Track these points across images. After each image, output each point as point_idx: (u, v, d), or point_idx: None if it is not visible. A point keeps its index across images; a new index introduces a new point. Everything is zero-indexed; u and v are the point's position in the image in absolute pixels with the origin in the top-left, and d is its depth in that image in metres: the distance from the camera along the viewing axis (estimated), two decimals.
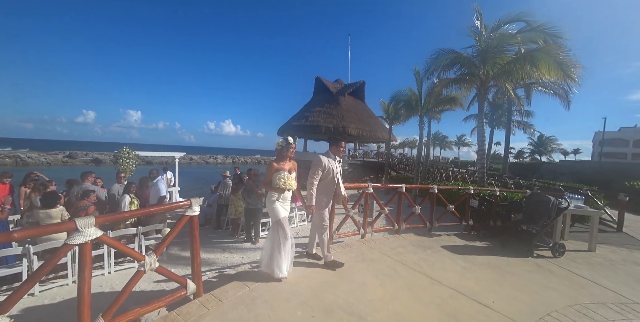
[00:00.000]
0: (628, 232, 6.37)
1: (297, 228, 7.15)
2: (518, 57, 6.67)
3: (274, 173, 2.91)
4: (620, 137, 46.68)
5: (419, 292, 2.83)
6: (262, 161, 61.19)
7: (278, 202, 2.93)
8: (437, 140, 54.28)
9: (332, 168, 3.26)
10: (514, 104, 16.59)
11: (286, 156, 3.00)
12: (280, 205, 2.94)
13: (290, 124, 21.78)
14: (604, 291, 3.23)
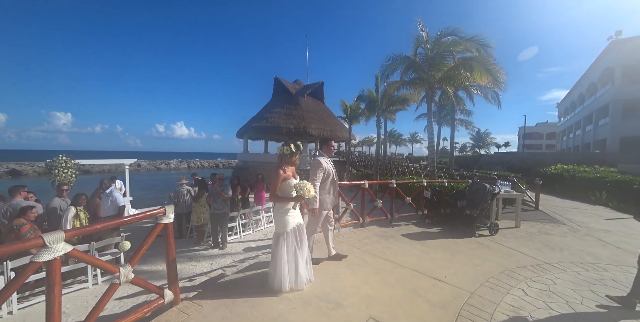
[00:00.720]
0: (542, 210, 7.74)
1: (265, 230, 7.17)
2: (457, 65, 7.71)
3: (282, 182, 2.71)
4: (537, 131, 55.33)
5: (385, 275, 3.19)
6: (221, 164, 58.34)
7: (290, 212, 2.73)
8: (393, 138, 57.78)
9: (331, 169, 3.31)
10: (457, 104, 18.68)
11: (292, 163, 2.83)
12: (291, 216, 2.73)
13: (250, 125, 21.32)
14: (525, 257, 3.98)
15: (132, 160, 10.52)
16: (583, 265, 3.75)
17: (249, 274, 3.17)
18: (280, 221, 2.71)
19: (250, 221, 6.85)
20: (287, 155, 2.77)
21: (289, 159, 2.78)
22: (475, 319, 2.38)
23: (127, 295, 3.62)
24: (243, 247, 5.75)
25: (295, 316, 2.34)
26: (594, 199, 9.41)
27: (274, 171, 2.74)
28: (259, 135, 24.75)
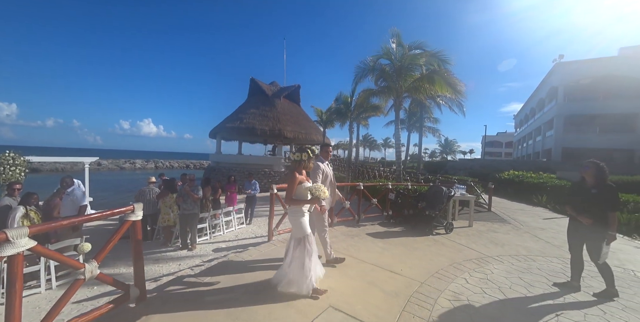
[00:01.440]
0: (494, 211, 8.60)
1: (236, 231, 7.17)
2: (422, 77, 8.41)
3: (298, 185, 2.76)
4: (497, 140, 60.30)
5: (347, 270, 3.46)
6: (192, 165, 55.95)
7: (306, 215, 2.80)
8: (368, 142, 59.49)
9: (328, 171, 3.52)
10: (425, 112, 19.90)
11: (308, 167, 2.91)
12: (307, 218, 2.81)
13: (224, 125, 20.91)
14: (472, 251, 4.49)
15: (92, 158, 9.91)
16: (517, 257, 4.33)
17: (217, 272, 3.27)
18: (299, 225, 2.75)
19: (221, 222, 6.82)
20: (305, 160, 2.83)
21: (307, 163, 2.85)
22: (422, 304, 2.72)
23: (87, 298, 3.52)
24: (213, 248, 5.74)
25: (260, 306, 2.51)
26: (537, 201, 10.60)
27: (290, 174, 2.81)
28: (233, 136, 24.30)
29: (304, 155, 2.82)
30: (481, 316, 2.57)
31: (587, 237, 3.09)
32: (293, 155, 2.89)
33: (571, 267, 3.34)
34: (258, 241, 5.78)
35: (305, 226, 2.76)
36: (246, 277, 3.13)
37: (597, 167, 3.06)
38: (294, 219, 2.79)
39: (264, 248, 4.19)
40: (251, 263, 3.56)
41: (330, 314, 2.44)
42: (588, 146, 22.44)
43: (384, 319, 2.42)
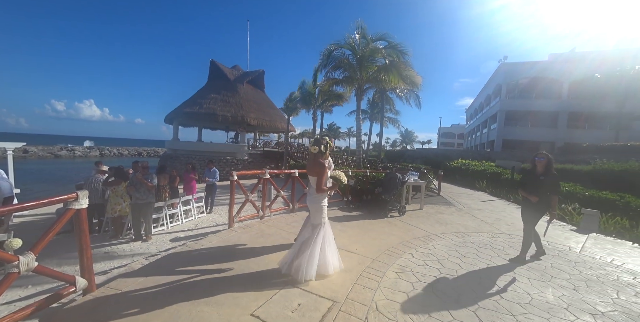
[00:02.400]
0: (443, 195, 9.54)
1: (196, 220, 6.96)
2: (380, 68, 8.74)
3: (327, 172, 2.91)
4: (451, 131, 65.35)
5: None
6: (145, 152, 51.46)
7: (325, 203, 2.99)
8: (332, 131, 60.19)
9: (331, 161, 3.56)
10: (386, 103, 20.70)
11: (326, 156, 2.98)
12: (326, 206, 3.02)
13: (182, 110, 19.51)
14: (420, 231, 5.01)
15: (16, 144, 8.60)
16: (456, 234, 4.94)
17: (174, 260, 3.22)
18: (320, 212, 2.94)
19: (179, 211, 6.55)
20: (325, 151, 2.93)
21: (327, 152, 2.95)
22: (372, 277, 3.02)
23: (20, 298, 3.21)
24: (170, 238, 5.52)
25: (218, 288, 2.57)
26: (478, 186, 11.97)
27: (320, 165, 2.86)
28: (192, 122, 22.85)
29: (323, 147, 2.92)
30: (420, 282, 2.96)
31: (532, 214, 3.73)
32: (313, 147, 2.95)
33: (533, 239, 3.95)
34: (219, 228, 5.71)
35: (325, 213, 2.97)
36: (205, 263, 3.14)
37: (548, 159, 3.62)
38: (317, 206, 2.94)
39: (224, 235, 4.18)
40: (211, 250, 3.56)
41: (288, 291, 2.60)
42: (521, 138, 25.64)
43: (338, 291, 2.66)
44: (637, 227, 5.51)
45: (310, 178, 3.02)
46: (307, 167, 3.09)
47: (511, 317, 2.39)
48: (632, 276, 3.50)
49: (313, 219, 2.99)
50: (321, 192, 2.93)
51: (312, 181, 2.98)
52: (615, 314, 2.56)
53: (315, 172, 2.91)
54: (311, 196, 3.01)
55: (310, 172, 2.98)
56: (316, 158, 2.94)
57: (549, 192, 3.58)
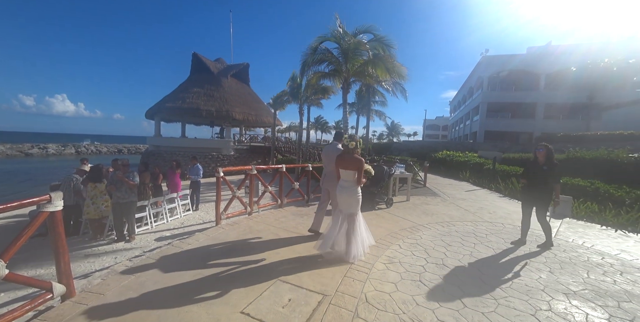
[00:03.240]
0: (429, 186, 9.77)
1: (182, 219, 6.82)
2: (367, 61, 8.71)
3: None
4: (436, 124, 66.67)
5: (295, 246, 3.65)
6: (125, 149, 49.50)
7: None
8: (320, 125, 59.98)
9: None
10: (373, 96, 20.75)
11: (357, 153, 3.29)
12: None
13: (164, 105, 18.79)
14: (407, 222, 5.12)
15: None
16: (442, 223, 5.09)
17: (160, 260, 3.14)
18: (358, 202, 3.27)
19: (164, 209, 6.38)
20: (358, 148, 3.27)
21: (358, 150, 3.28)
22: (361, 269, 3.07)
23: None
24: (155, 237, 5.39)
25: (208, 286, 2.53)
26: (462, 177, 12.34)
27: (359, 160, 3.20)
28: (175, 117, 22.10)
29: (355, 143, 3.26)
30: (408, 272, 3.03)
31: (536, 203, 3.92)
32: (351, 143, 3.26)
33: (521, 226, 4.15)
34: (206, 226, 5.61)
35: (360, 203, 3.29)
36: (193, 261, 3.09)
37: (547, 149, 3.83)
38: (354, 196, 3.24)
39: (212, 232, 4.11)
40: (198, 248, 3.50)
41: (278, 287, 2.60)
42: (502, 129, 26.53)
43: (328, 285, 2.68)
44: (604, 211, 5.87)
45: (342, 172, 3.30)
46: (342, 162, 3.29)
47: (494, 301, 2.50)
48: (601, 256, 3.74)
49: (351, 208, 3.28)
50: (360, 184, 3.27)
51: (347, 175, 3.26)
52: (585, 293, 2.73)
53: (354, 167, 3.21)
54: (348, 188, 3.26)
55: (348, 166, 3.24)
56: (352, 154, 3.25)
57: (553, 181, 3.78)
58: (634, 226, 5.15)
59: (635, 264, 3.54)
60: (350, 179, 3.25)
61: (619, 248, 4.11)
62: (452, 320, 2.21)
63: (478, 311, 2.35)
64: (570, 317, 2.33)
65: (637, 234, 4.87)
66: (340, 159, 3.32)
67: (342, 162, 3.29)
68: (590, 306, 2.51)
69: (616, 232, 4.99)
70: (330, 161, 3.65)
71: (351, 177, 3.25)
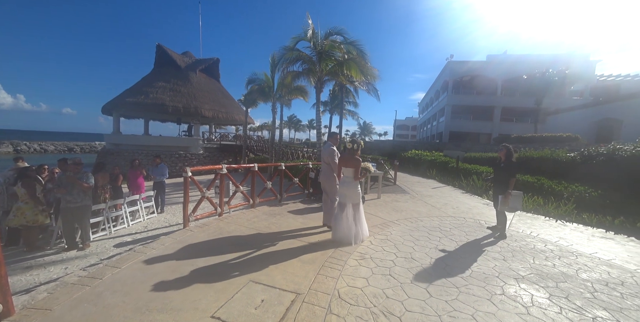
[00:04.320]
0: (399, 184, 10.19)
1: (145, 222, 6.39)
2: (340, 62, 8.87)
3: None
4: (405, 124, 69.51)
5: (268, 245, 3.60)
6: (78, 147, 44.99)
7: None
8: (293, 123, 59.64)
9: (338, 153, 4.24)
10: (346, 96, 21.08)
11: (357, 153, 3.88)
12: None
13: (124, 100, 17.38)
14: (378, 219, 5.30)
15: None
16: (410, 219, 5.34)
17: (119, 268, 2.91)
18: (358, 193, 3.82)
19: (124, 213, 5.92)
20: (357, 149, 3.86)
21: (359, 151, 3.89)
22: (334, 266, 3.11)
23: None
24: (114, 243, 4.99)
25: (175, 292, 2.41)
26: (429, 175, 13.05)
27: (357, 160, 3.76)
28: (137, 113, 20.60)
29: (356, 145, 3.86)
30: (379, 267, 3.14)
31: (497, 195, 4.50)
32: (349, 143, 3.89)
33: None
34: (173, 229, 5.32)
35: (360, 195, 3.85)
36: (158, 267, 2.91)
37: (507, 149, 4.43)
38: (355, 189, 3.79)
39: (179, 235, 3.91)
40: (164, 253, 3.30)
41: (250, 288, 2.55)
42: (465, 130, 28.49)
43: (301, 283, 2.69)
44: (548, 204, 6.58)
45: (343, 169, 3.86)
46: (344, 161, 3.85)
47: (456, 290, 2.68)
48: (543, 243, 4.20)
49: (353, 199, 3.80)
50: (357, 179, 3.81)
51: (348, 172, 3.83)
52: (531, 276, 3.05)
53: (352, 165, 3.76)
54: (349, 183, 3.81)
55: (348, 164, 3.80)
56: (352, 154, 3.82)
57: (507, 176, 4.32)
58: (569, 216, 5.84)
59: (570, 249, 4.02)
60: (350, 175, 3.80)
61: (558, 236, 4.64)
62: (419, 309, 2.34)
63: (442, 299, 2.51)
64: (520, 299, 2.58)
65: (572, 223, 5.53)
66: (343, 158, 3.89)
67: (344, 161, 3.84)
68: (534, 287, 2.81)
69: (556, 222, 5.62)
70: (324, 158, 4.28)
71: (351, 173, 3.78)
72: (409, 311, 2.32)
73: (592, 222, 5.46)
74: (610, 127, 16.40)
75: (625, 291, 2.85)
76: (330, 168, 4.22)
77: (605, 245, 4.30)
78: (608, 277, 3.15)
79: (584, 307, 2.49)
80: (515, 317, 2.30)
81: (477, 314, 2.31)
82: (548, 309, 2.44)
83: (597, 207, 6.08)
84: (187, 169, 4.26)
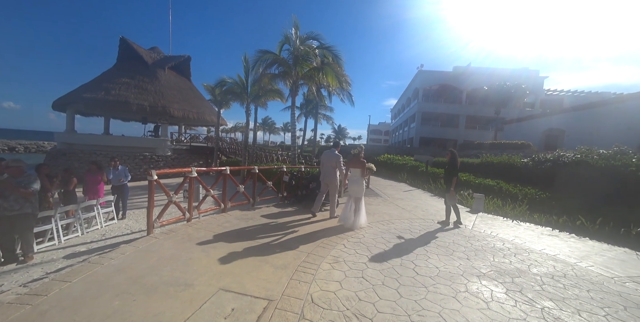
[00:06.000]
0: (372, 188, 10.45)
1: (104, 229, 5.87)
2: (317, 67, 8.97)
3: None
4: (379, 129, 71.71)
5: (240, 252, 3.48)
6: (21, 147, 40.27)
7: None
8: (267, 125, 58.78)
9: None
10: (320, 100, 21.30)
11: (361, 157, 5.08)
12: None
13: (80, 95, 15.94)
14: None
15: None
16: (382, 222, 5.49)
17: (71, 281, 2.63)
18: (362, 188, 4.89)
19: (78, 220, 5.38)
20: (359, 153, 5.05)
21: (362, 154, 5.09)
22: (307, 271, 3.09)
23: None
24: (65, 254, 4.51)
25: (135, 305, 2.22)
26: (400, 178, 13.55)
27: (361, 162, 4.94)
28: (96, 111, 19.03)
29: (358, 150, 5.09)
30: (352, 270, 3.18)
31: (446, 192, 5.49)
32: (354, 150, 5.14)
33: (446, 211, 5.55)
34: (135, 236, 4.95)
35: (364, 190, 4.97)
36: (117, 279, 2.67)
37: (451, 153, 5.51)
38: (359, 185, 4.86)
39: (142, 243, 3.63)
40: (124, 263, 3.04)
41: (220, 297, 2.44)
42: (434, 136, 30.11)
43: (274, 290, 2.63)
44: (506, 206, 7.16)
45: (352, 170, 4.97)
46: (351, 163, 5.00)
47: (424, 289, 2.80)
48: (502, 242, 4.54)
49: (358, 194, 4.85)
50: (364, 177, 4.95)
51: (355, 171, 4.93)
52: (491, 273, 3.28)
53: (359, 166, 4.93)
54: (357, 181, 4.90)
55: (355, 166, 4.95)
56: (357, 158, 5.01)
57: (449, 176, 5.40)
58: (524, 217, 6.40)
59: (524, 246, 4.40)
60: (357, 174, 4.89)
61: (514, 235, 5.05)
62: (389, 310, 2.40)
63: (412, 299, 2.60)
64: (481, 295, 2.75)
65: (525, 223, 6.06)
66: (350, 161, 5.03)
67: (351, 163, 4.98)
68: (494, 283, 3.02)
69: (513, 222, 6.12)
70: (328, 162, 5.26)
71: (358, 173, 4.88)
72: (381, 312, 2.37)
73: (541, 221, 6.03)
74: (556, 136, 18.33)
75: (567, 282, 3.18)
76: (332, 169, 5.23)
77: (552, 241, 4.76)
78: (554, 270, 3.49)
79: (534, 299, 2.73)
80: (477, 312, 2.44)
81: (444, 311, 2.43)
82: (505, 303, 2.63)
83: (546, 208, 6.74)
84: (153, 171, 4.00)
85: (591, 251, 4.42)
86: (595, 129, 14.90)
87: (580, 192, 7.02)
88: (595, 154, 7.88)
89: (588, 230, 5.39)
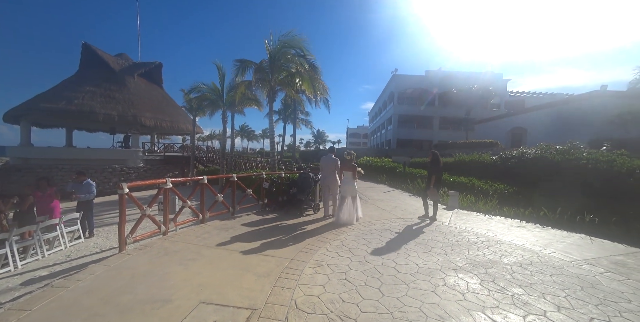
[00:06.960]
0: None
1: (69, 250, 5.45)
2: (293, 74, 9.07)
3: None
4: (357, 132, 73.05)
5: (220, 263, 3.40)
6: None
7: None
8: (246, 133, 57.86)
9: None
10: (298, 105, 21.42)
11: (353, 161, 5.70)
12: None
13: (37, 105, 14.84)
14: (332, 225, 5.41)
15: None
16: (363, 223, 5.57)
17: (30, 307, 2.42)
18: (355, 190, 5.49)
19: (37, 241, 4.96)
20: (352, 158, 5.67)
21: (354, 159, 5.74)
22: (290, 277, 3.07)
23: None
24: (23, 281, 4.12)
25: None
26: (379, 180, 13.86)
27: (353, 166, 5.57)
28: (56, 121, 17.79)
29: (351, 156, 5.68)
30: (335, 273, 3.20)
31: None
32: (347, 155, 5.68)
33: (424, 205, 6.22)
34: (105, 254, 4.65)
35: (357, 190, 5.56)
36: (87, 301, 2.50)
37: (433, 154, 6.09)
38: (352, 186, 5.46)
39: (113, 261, 3.42)
40: (93, 284, 2.85)
41: (200, 310, 2.36)
42: (410, 137, 31.22)
43: (257, 298, 2.59)
44: (478, 202, 7.57)
45: (344, 173, 5.54)
46: (344, 167, 5.60)
47: (405, 286, 2.88)
48: (476, 236, 4.79)
49: (352, 193, 5.45)
50: (355, 179, 5.56)
51: (347, 174, 5.52)
52: (467, 266, 3.45)
53: (351, 169, 5.54)
54: (349, 182, 5.49)
55: (348, 169, 5.54)
56: (350, 162, 5.59)
57: (429, 172, 6.03)
58: (494, 211, 6.80)
59: (495, 238, 4.68)
60: (349, 176, 5.51)
61: (486, 228, 5.35)
62: (373, 309, 2.45)
63: (393, 297, 2.67)
64: (458, 287, 2.89)
65: (496, 216, 6.44)
66: (343, 165, 5.66)
67: (344, 167, 5.61)
68: (469, 275, 3.19)
69: (485, 216, 6.47)
70: (327, 166, 5.88)
71: (350, 176, 5.51)
72: (364, 312, 2.41)
73: (510, 214, 6.44)
74: (520, 134, 19.74)
75: (533, 269, 3.42)
76: (332, 172, 5.76)
77: (520, 232, 5.10)
78: (522, 259, 3.74)
79: (506, 287, 2.91)
80: (455, 304, 2.56)
81: (424, 306, 2.52)
82: (480, 293, 2.78)
83: (514, 201, 7.21)
84: (123, 184, 3.80)
85: (553, 238, 4.78)
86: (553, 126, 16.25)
87: (542, 184, 7.59)
88: (553, 150, 8.59)
89: (550, 220, 5.84)
